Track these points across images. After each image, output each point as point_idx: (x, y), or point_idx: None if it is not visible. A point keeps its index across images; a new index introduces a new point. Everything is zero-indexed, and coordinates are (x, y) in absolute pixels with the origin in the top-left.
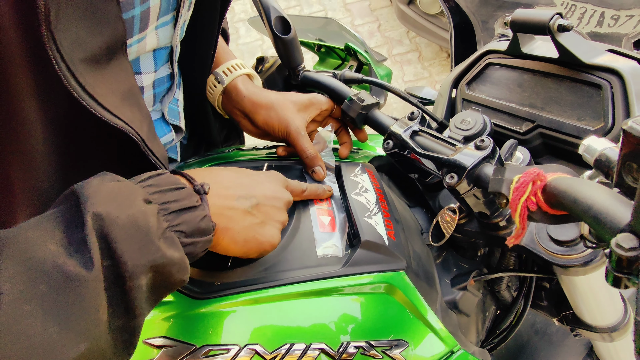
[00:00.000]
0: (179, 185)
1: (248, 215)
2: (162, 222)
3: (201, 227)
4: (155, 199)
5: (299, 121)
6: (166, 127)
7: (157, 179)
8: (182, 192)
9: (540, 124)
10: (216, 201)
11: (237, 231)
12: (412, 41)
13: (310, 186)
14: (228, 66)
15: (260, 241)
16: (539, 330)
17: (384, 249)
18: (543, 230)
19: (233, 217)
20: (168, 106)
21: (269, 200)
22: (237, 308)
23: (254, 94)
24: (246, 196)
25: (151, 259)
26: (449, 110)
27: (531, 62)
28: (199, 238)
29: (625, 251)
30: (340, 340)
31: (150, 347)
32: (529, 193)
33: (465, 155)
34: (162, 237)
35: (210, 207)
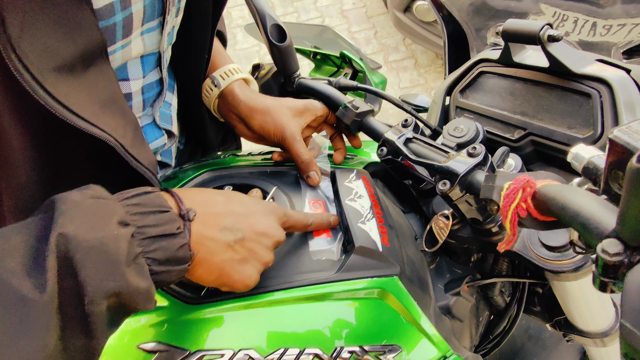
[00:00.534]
0: (163, 208)
1: (229, 249)
2: (135, 247)
3: (177, 255)
4: (135, 220)
5: (294, 126)
6: (158, 132)
7: (143, 198)
8: (165, 216)
9: (531, 132)
10: (199, 228)
11: (213, 263)
12: (408, 48)
13: (316, 217)
14: (225, 70)
15: (233, 279)
16: (533, 335)
17: (378, 255)
18: (535, 236)
19: (212, 248)
20: (159, 111)
21: (257, 236)
22: (231, 313)
23: (250, 99)
24: (232, 228)
25: (114, 286)
26: (443, 117)
27: (522, 71)
28: (173, 267)
29: (610, 256)
30: (334, 345)
31: (144, 352)
32: (519, 200)
33: (458, 162)
34: (132, 263)
35: (192, 234)
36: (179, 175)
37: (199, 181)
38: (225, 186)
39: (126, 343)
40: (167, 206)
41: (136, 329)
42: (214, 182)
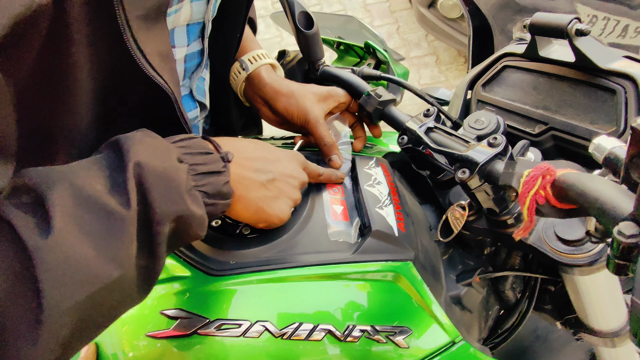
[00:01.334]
0: (207, 150)
1: (263, 187)
2: (190, 181)
3: (223, 191)
4: (186, 159)
5: (317, 110)
6: (193, 103)
7: (189, 142)
8: (210, 157)
9: (553, 126)
10: (236, 169)
11: (250, 200)
12: (430, 45)
13: (326, 171)
14: (253, 55)
15: (269, 214)
16: (541, 336)
17: (394, 239)
18: (550, 230)
19: (249, 186)
20: (196, 83)
21: (285, 177)
22: (250, 286)
23: (276, 82)
24: (264, 170)
25: (177, 209)
26: (464, 110)
27: (547, 66)
28: (220, 200)
29: (626, 238)
30: (346, 323)
31: (166, 318)
32: (538, 187)
33: (478, 151)
34: (189, 193)
35: (232, 174)
36: None
37: None
38: None
39: (150, 309)
40: (210, 149)
41: (160, 296)
42: None
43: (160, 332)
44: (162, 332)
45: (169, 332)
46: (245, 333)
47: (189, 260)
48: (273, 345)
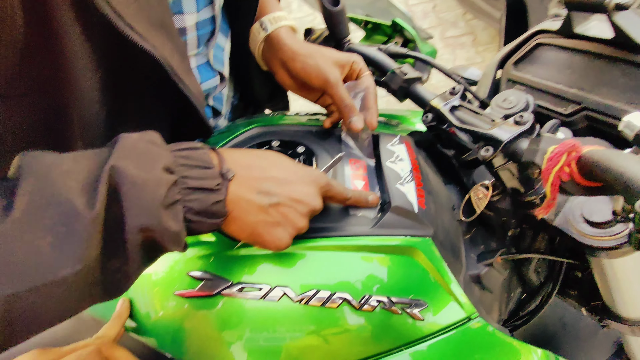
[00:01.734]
0: (207, 164)
1: (262, 212)
2: (175, 194)
3: (212, 210)
4: (180, 170)
5: (336, 72)
6: (211, 73)
7: (192, 152)
8: (207, 172)
9: (586, 106)
10: (236, 189)
11: (246, 223)
12: (467, 24)
13: (354, 193)
14: (274, 16)
15: (265, 239)
16: (567, 323)
17: (413, 216)
18: (577, 212)
19: (248, 209)
20: (213, 52)
21: (292, 202)
22: (271, 253)
23: (295, 44)
24: (268, 192)
25: (148, 222)
26: (493, 90)
27: (583, 43)
28: (207, 219)
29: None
30: (363, 293)
31: (193, 279)
32: (562, 163)
33: (503, 129)
34: (170, 207)
35: (229, 193)
36: (231, 129)
37: (248, 135)
38: (273, 141)
39: (178, 270)
40: (211, 163)
41: (188, 259)
42: (262, 137)
43: (187, 292)
44: (189, 292)
45: (194, 292)
46: (265, 296)
47: None
48: (291, 309)
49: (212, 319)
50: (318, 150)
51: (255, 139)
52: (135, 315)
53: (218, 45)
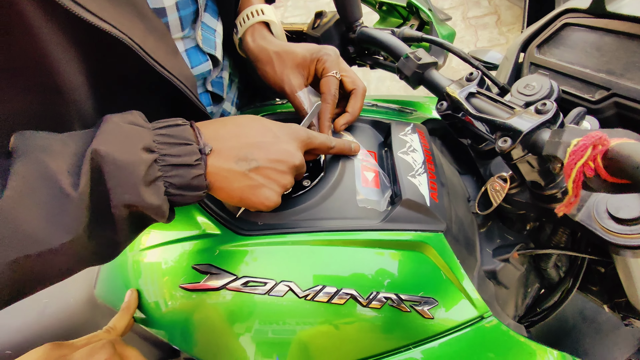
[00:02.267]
0: (186, 141)
1: (244, 177)
2: (156, 171)
3: (192, 183)
4: (160, 148)
5: (294, 79)
6: (202, 56)
7: (173, 130)
8: (186, 148)
9: (616, 92)
10: (215, 161)
11: (232, 190)
12: (491, 3)
13: (338, 142)
14: (248, 12)
15: (253, 201)
16: (588, 317)
17: (425, 209)
18: (602, 207)
19: (229, 177)
20: (202, 35)
21: (272, 163)
22: (276, 247)
23: (257, 47)
24: (247, 158)
25: (130, 199)
26: (514, 75)
27: (615, 22)
28: (188, 192)
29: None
30: (371, 290)
31: (198, 272)
32: (587, 158)
33: (523, 119)
34: (151, 184)
35: (209, 166)
36: None
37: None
38: None
39: (184, 263)
40: (191, 140)
41: (193, 251)
42: None
43: (192, 285)
44: (194, 285)
45: (199, 285)
46: (270, 291)
47: (219, 220)
48: (296, 304)
49: (219, 312)
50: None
51: None
52: (143, 306)
53: (207, 27)
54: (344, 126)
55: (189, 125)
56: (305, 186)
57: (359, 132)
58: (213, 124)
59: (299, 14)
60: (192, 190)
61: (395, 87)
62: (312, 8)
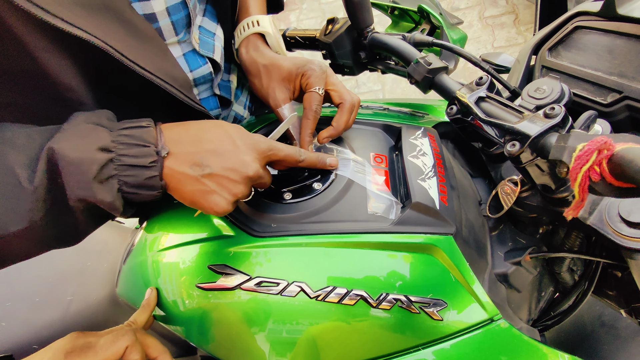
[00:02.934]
0: (145, 143)
1: (197, 182)
2: (110, 171)
3: (147, 183)
4: (119, 149)
5: (280, 93)
6: (201, 60)
7: (136, 131)
8: (143, 150)
9: (628, 95)
10: (172, 164)
11: (184, 193)
12: (509, 2)
13: (309, 156)
14: (246, 23)
15: (204, 205)
16: (606, 322)
17: (434, 212)
18: (614, 210)
19: (182, 181)
20: (200, 38)
21: (225, 171)
22: (289, 249)
23: (249, 59)
24: (201, 164)
25: (83, 194)
26: (526, 78)
27: (627, 25)
28: (143, 191)
29: None
30: (380, 291)
31: (213, 272)
32: (592, 162)
33: (532, 123)
34: (103, 182)
35: (166, 167)
36: (251, 122)
37: (263, 133)
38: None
39: (200, 264)
40: (149, 142)
41: (208, 252)
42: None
43: (208, 284)
44: (209, 284)
45: (214, 285)
46: (282, 292)
47: (234, 221)
48: (308, 305)
49: (234, 311)
50: (338, 142)
51: None
52: (162, 304)
53: (206, 30)
54: (326, 139)
55: (152, 127)
56: (317, 189)
57: (370, 136)
58: (178, 127)
59: (314, 16)
60: (147, 190)
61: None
62: (327, 11)
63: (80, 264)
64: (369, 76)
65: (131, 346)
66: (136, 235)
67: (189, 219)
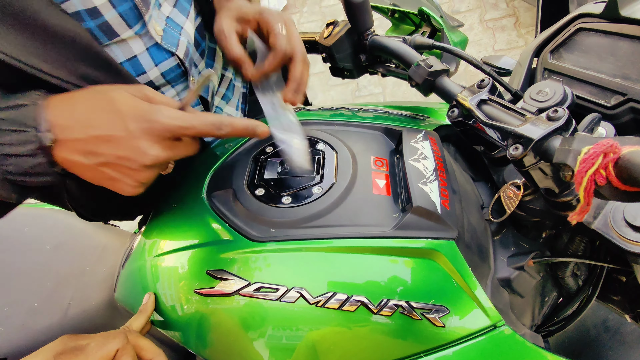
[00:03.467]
0: (24, 128)
1: (95, 170)
2: None
3: (34, 171)
4: None
5: (226, 25)
6: (164, 54)
7: (13, 113)
8: (22, 136)
9: (632, 98)
10: (62, 152)
11: (89, 178)
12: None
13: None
14: None
15: (114, 189)
16: (610, 327)
17: (436, 217)
18: (619, 214)
19: (80, 168)
20: (164, 30)
21: (121, 160)
22: (288, 254)
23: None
24: (95, 153)
25: None
26: (527, 81)
27: (629, 27)
28: (32, 179)
29: None
30: (381, 297)
31: (212, 278)
32: (598, 166)
33: (534, 126)
34: None
35: (57, 155)
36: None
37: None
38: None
39: (198, 269)
40: (28, 125)
41: (207, 257)
42: None
43: (206, 290)
44: (208, 290)
45: (213, 291)
46: (281, 297)
47: (232, 226)
48: (307, 311)
49: (232, 317)
50: (338, 146)
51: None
52: (161, 309)
53: (173, 23)
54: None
55: (34, 105)
56: (317, 193)
57: (370, 139)
58: (63, 104)
59: (315, 19)
60: (37, 177)
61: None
62: (327, 14)
63: (78, 268)
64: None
65: (122, 349)
66: (135, 239)
67: (188, 224)
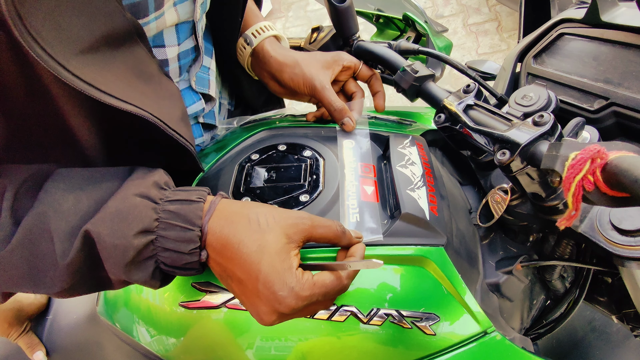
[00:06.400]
0: (190, 225)
1: (229, 287)
2: (147, 252)
3: (185, 267)
4: (160, 229)
5: (323, 77)
6: (195, 96)
7: (182, 207)
8: (186, 234)
9: (614, 102)
10: (213, 264)
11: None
12: (491, 10)
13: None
14: (257, 28)
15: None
16: (597, 328)
17: (424, 223)
18: (605, 218)
19: (216, 273)
20: (196, 75)
21: (244, 300)
22: None
23: (280, 54)
24: (227, 279)
25: (117, 275)
26: (512, 85)
27: (610, 32)
28: (181, 272)
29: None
30: (371, 306)
31: (197, 290)
32: (585, 171)
33: (521, 131)
34: (138, 264)
35: (211, 261)
36: (237, 132)
37: (255, 139)
38: (280, 145)
39: (183, 281)
40: (194, 224)
41: None
42: (269, 141)
43: (192, 303)
44: (193, 303)
45: (199, 303)
46: None
47: None
48: (297, 322)
49: (219, 330)
50: (325, 153)
51: (263, 142)
52: (144, 323)
53: (203, 66)
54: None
55: (201, 204)
56: (304, 202)
57: (357, 144)
58: (222, 221)
59: (300, 24)
60: (185, 271)
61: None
62: (313, 19)
63: None
64: None
65: None
66: None
67: None
